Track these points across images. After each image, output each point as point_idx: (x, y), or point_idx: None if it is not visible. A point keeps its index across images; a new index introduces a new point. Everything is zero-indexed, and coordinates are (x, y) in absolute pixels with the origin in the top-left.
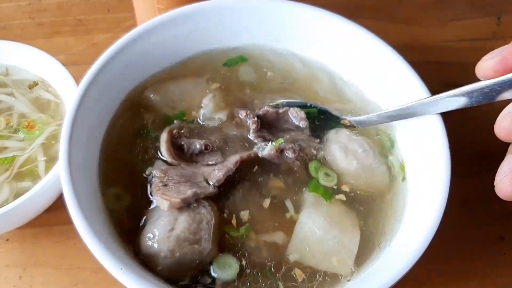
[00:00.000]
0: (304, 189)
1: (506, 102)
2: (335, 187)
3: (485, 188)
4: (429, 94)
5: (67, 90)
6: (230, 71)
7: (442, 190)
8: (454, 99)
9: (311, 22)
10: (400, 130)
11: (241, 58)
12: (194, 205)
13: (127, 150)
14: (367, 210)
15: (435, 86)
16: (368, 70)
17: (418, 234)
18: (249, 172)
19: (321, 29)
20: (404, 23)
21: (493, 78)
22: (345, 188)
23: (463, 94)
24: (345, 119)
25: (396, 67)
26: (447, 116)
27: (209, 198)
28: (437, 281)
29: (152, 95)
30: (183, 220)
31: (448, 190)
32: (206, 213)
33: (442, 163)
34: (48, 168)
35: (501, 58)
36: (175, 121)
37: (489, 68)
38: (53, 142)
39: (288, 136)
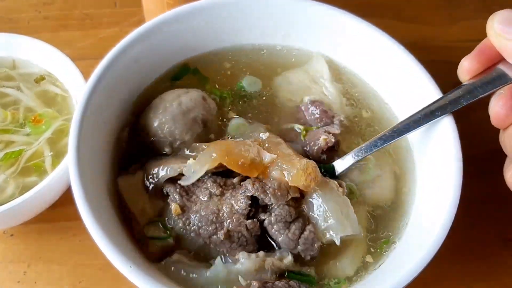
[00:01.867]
0: None
1: None
2: None
3: (491, 190)
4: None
5: (74, 84)
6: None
7: (453, 194)
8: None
9: (322, 19)
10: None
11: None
12: None
13: (137, 145)
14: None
15: (444, 85)
16: (377, 67)
17: (428, 237)
18: None
19: (332, 26)
20: (412, 22)
21: (473, 77)
22: None
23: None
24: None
25: (407, 66)
26: (454, 117)
27: None
28: (443, 282)
29: None
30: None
31: (460, 193)
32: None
33: (454, 167)
34: (54, 163)
35: (477, 51)
36: None
37: (466, 69)
38: (60, 137)
39: None
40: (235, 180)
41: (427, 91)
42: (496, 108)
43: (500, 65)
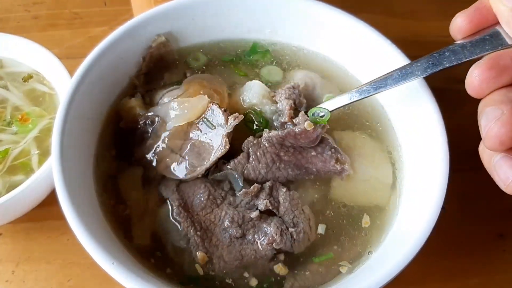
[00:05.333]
0: None
1: None
2: None
3: (484, 184)
4: (428, 88)
5: (61, 83)
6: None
7: (440, 185)
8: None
9: (310, 15)
10: (400, 126)
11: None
12: None
13: (123, 142)
14: (361, 206)
15: (434, 81)
16: (366, 62)
17: (415, 230)
18: None
19: (320, 22)
20: (402, 17)
21: (466, 35)
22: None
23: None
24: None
25: (395, 61)
26: (445, 111)
27: None
28: (436, 278)
29: None
30: None
31: (446, 185)
32: None
33: (440, 158)
34: (41, 161)
35: (474, 9)
36: None
37: (458, 26)
38: (46, 135)
39: None
40: (253, 214)
41: (416, 87)
42: (470, 78)
43: (495, 27)
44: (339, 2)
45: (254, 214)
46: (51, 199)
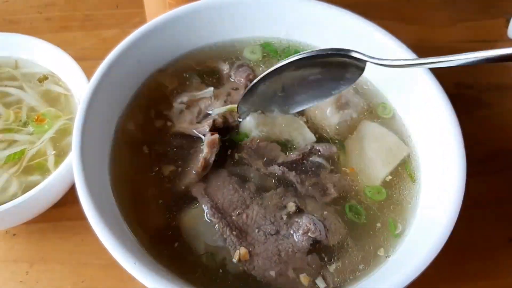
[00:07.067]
0: None
1: None
2: None
3: (496, 189)
4: (444, 94)
5: (77, 84)
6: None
7: (457, 192)
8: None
9: (322, 19)
10: (416, 129)
11: None
12: None
13: (140, 143)
14: (378, 213)
15: (447, 86)
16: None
17: (433, 235)
18: None
19: (332, 26)
20: (412, 23)
21: None
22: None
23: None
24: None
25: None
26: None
27: None
28: (446, 281)
29: None
30: None
31: (463, 193)
32: None
33: (457, 165)
34: (57, 162)
35: None
36: None
37: None
38: (62, 136)
39: None
40: (284, 213)
41: (430, 91)
42: None
43: None
44: (348, 7)
45: (285, 212)
46: (65, 199)
